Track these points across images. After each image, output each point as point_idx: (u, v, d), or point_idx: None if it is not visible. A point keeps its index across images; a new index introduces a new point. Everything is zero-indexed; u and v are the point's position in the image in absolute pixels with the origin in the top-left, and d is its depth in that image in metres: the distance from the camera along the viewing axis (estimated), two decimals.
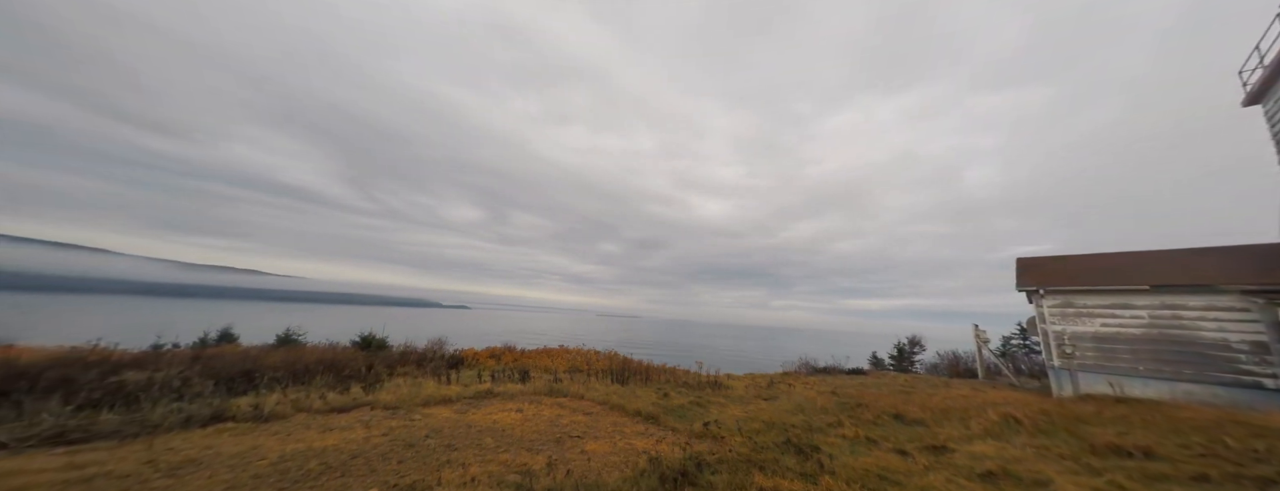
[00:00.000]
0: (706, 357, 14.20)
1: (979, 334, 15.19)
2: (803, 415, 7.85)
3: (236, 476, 4.01)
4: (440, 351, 12.83)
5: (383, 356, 10.98)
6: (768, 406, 8.73)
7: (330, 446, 4.93)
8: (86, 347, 8.73)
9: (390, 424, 6.01)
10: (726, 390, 10.72)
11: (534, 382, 9.57)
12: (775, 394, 10.49)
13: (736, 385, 11.79)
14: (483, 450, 5.09)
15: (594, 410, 7.64)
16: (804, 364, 17.12)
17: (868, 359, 20.02)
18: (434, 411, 6.85)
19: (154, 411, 5.60)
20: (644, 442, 5.80)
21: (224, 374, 7.54)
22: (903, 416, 7.57)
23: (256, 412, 5.94)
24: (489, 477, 4.21)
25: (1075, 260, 11.98)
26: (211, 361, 8.34)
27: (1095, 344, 10.23)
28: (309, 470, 4.24)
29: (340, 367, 8.94)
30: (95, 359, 7.82)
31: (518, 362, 12.26)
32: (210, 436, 5.13)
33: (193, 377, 7.03)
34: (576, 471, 4.48)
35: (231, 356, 9.24)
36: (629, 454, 5.27)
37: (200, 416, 5.61)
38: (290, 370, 8.24)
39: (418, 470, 4.37)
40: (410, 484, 4.02)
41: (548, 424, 6.48)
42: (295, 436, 5.24)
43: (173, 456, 4.43)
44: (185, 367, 7.58)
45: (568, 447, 5.42)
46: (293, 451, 4.71)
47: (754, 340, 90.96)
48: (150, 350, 9.90)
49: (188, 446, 4.75)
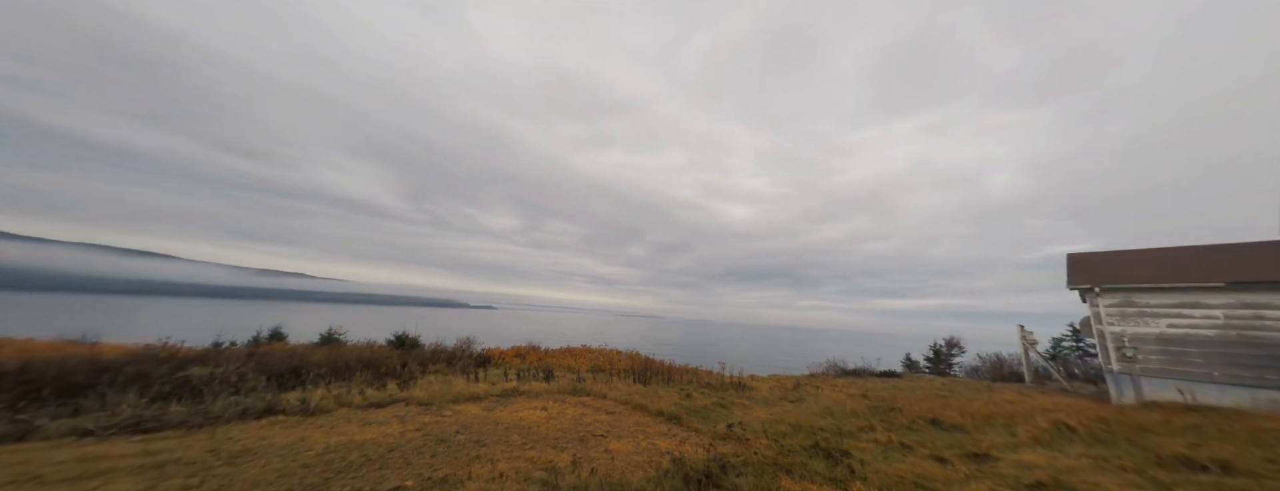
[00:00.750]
0: (729, 358, 14.02)
1: (1025, 335, 14.22)
2: (831, 418, 7.60)
3: (287, 465, 4.31)
4: (469, 350, 13.29)
5: (416, 354, 11.49)
6: (794, 409, 8.51)
7: (369, 439, 5.21)
8: (158, 345, 9.63)
9: (423, 419, 6.28)
10: (750, 391, 10.53)
11: (558, 381, 9.75)
12: (802, 396, 10.21)
13: (761, 386, 11.57)
14: (510, 447, 5.23)
15: (617, 409, 7.69)
16: (831, 365, 16.57)
17: (901, 361, 19.15)
18: (464, 408, 7.10)
19: (215, 404, 6.10)
20: (667, 443, 5.79)
21: (275, 370, 8.11)
22: (940, 421, 7.19)
23: (304, 406, 6.36)
24: (516, 474, 4.32)
25: (1134, 256, 11.00)
26: (264, 358, 9.00)
27: (1161, 346, 9.36)
28: (351, 461, 4.50)
29: (377, 365, 9.43)
30: (165, 355, 8.63)
31: (542, 362, 12.52)
32: (264, 428, 5.53)
33: (248, 373, 7.61)
34: (600, 470, 4.53)
35: (281, 354, 9.93)
36: (652, 454, 5.28)
37: (255, 409, 6.06)
38: (333, 367, 8.77)
39: (449, 464, 4.55)
40: (443, 477, 4.18)
41: (572, 422, 6.58)
42: (338, 429, 5.57)
43: (232, 445, 4.81)
44: (241, 364, 8.22)
45: (591, 446, 5.48)
46: (336, 443, 5.01)
47: (778, 341, 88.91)
48: (211, 348, 10.78)
49: (245, 436, 5.14)
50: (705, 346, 54.39)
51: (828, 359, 17.00)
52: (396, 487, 3.94)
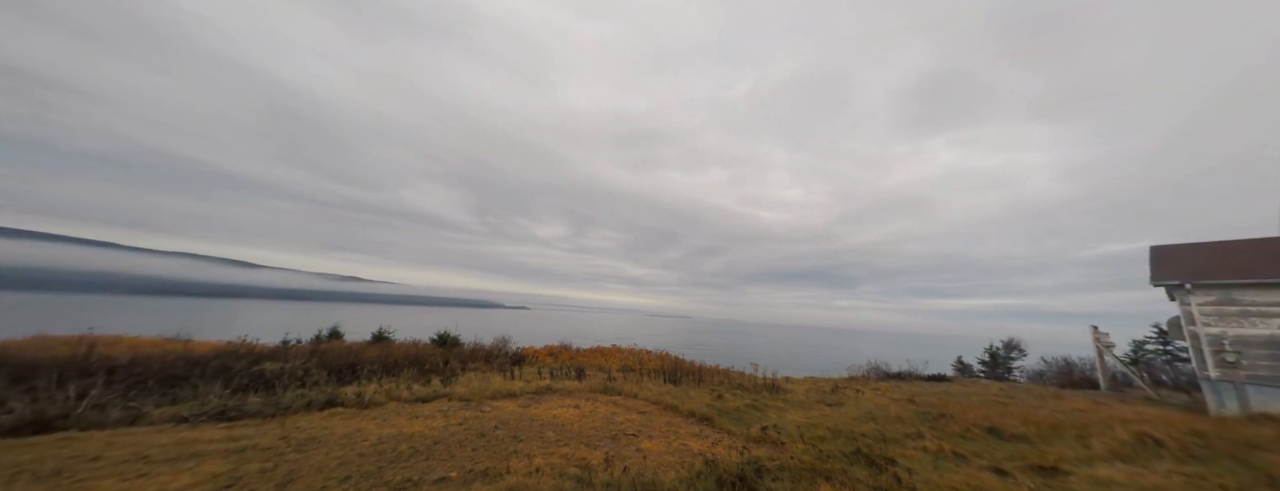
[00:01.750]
0: (762, 359, 13.66)
1: (1099, 337, 12.79)
2: (874, 423, 7.22)
3: (346, 453, 4.69)
4: (505, 349, 13.83)
5: (456, 353, 12.11)
6: (832, 413, 8.16)
7: (417, 432, 5.55)
8: (238, 342, 10.79)
9: (464, 414, 6.60)
10: (785, 394, 10.21)
11: (589, 380, 9.92)
12: (841, 400, 9.77)
13: (796, 389, 11.18)
14: (545, 443, 5.39)
15: (648, 409, 7.71)
16: (873, 368, 15.71)
17: (951, 364, 17.83)
18: (501, 404, 7.40)
19: (285, 396, 6.74)
20: (699, 444, 5.73)
21: (334, 365, 8.85)
22: (999, 430, 6.64)
23: (359, 400, 6.89)
24: (552, 469, 4.45)
25: (1233, 246, 9.60)
26: (325, 355, 9.83)
27: (1272, 350, 8.12)
28: (401, 452, 4.82)
29: (422, 362, 10.03)
30: (244, 352, 9.65)
31: (574, 361, 12.79)
32: (325, 418, 6.05)
33: (311, 368, 8.35)
34: (633, 468, 4.57)
35: (339, 351, 10.81)
36: (684, 454, 5.25)
37: (318, 401, 6.64)
38: (383, 363, 9.43)
39: (489, 458, 4.76)
40: (484, 470, 4.38)
41: (604, 421, 6.68)
42: (389, 422, 5.98)
43: (299, 434, 5.30)
44: (306, 360, 9.04)
45: (624, 445, 5.53)
46: (388, 435, 5.38)
47: (814, 342, 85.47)
48: (280, 345, 11.92)
49: (310, 426, 5.64)
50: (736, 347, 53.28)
51: (868, 361, 16.14)
52: (442, 478, 4.17)
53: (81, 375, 6.50)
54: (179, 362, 7.79)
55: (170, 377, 7.03)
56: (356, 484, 3.96)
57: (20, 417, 5.08)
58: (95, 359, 7.60)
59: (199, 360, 8.10)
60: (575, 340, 16.84)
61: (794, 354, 48.14)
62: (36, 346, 9.02)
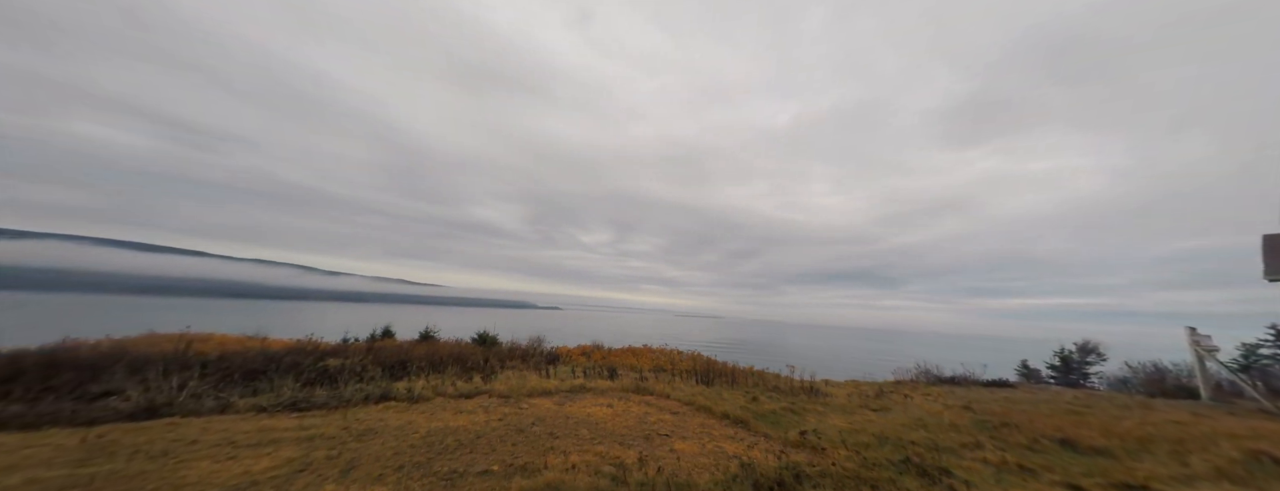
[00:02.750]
0: (799, 361, 13.16)
1: (1197, 340, 11.21)
2: (924, 431, 6.77)
3: (399, 444, 5.05)
4: (540, 348, 14.27)
5: (495, 351, 12.66)
6: (877, 418, 7.73)
7: (461, 426, 5.87)
8: (305, 340, 11.90)
9: (504, 410, 6.89)
10: (825, 397, 9.80)
11: (621, 380, 10.02)
12: (887, 405, 9.23)
13: (837, 392, 10.69)
14: (580, 440, 5.52)
15: (680, 410, 7.68)
16: (922, 371, 14.70)
17: (1015, 368, 16.31)
18: (537, 402, 7.65)
19: (345, 389, 7.35)
20: (734, 446, 5.64)
21: (387, 362, 9.53)
22: (1074, 443, 6.02)
23: (409, 395, 7.38)
24: (587, 466, 4.54)
25: None
26: (379, 352, 10.62)
27: None
28: (447, 444, 5.12)
29: (464, 360, 10.57)
30: (310, 349, 10.62)
31: (606, 360, 12.97)
32: (381, 411, 6.53)
33: (368, 365, 9.05)
34: (667, 469, 4.57)
35: (391, 348, 11.63)
36: (718, 457, 5.18)
37: (373, 395, 7.19)
38: (430, 360, 10.04)
39: (527, 453, 4.94)
40: (523, 464, 4.56)
41: (636, 420, 6.73)
42: (436, 416, 6.36)
43: (358, 425, 5.76)
44: (363, 356, 9.81)
45: (657, 445, 5.55)
46: (436, 428, 5.73)
47: (856, 343, 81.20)
48: (340, 343, 13.02)
49: (368, 418, 6.12)
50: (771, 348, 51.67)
51: (916, 364, 15.11)
52: (485, 471, 4.39)
53: (181, 368, 7.45)
54: (258, 358, 8.72)
55: (251, 371, 7.88)
56: (409, 473, 4.25)
57: (136, 405, 5.91)
58: (192, 354, 8.67)
59: (274, 356, 9.03)
60: (606, 340, 17.08)
61: (833, 355, 45.99)
62: (147, 343, 10.43)
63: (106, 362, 7.26)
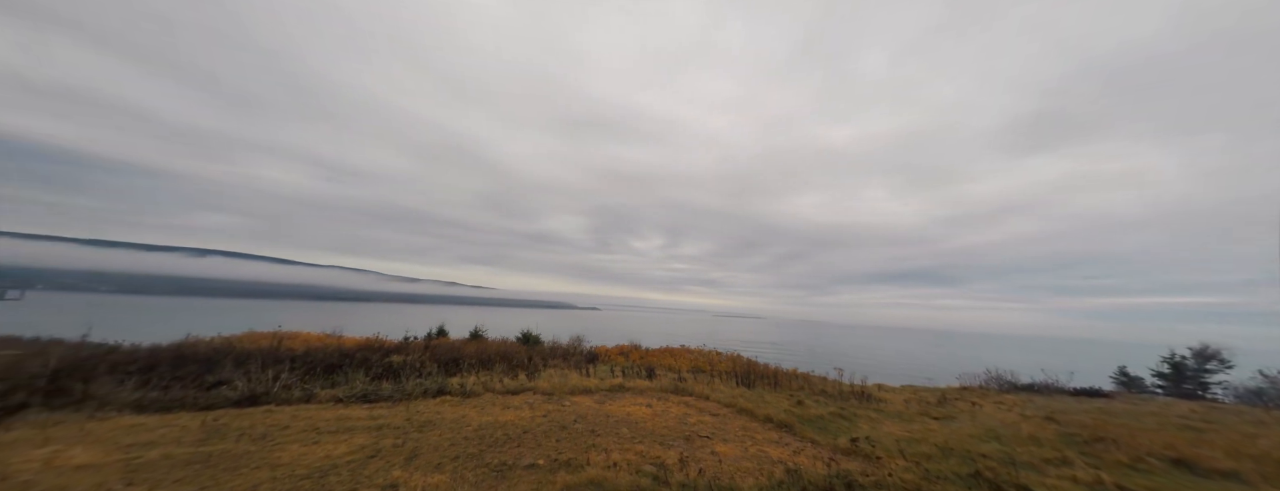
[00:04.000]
0: (848, 363, 12.40)
1: None
2: (997, 443, 6.13)
3: (455, 435, 5.43)
4: (579, 348, 14.66)
5: (538, 350, 13.18)
6: (940, 427, 7.12)
7: (509, 421, 6.19)
8: (373, 338, 13.13)
9: (547, 407, 7.17)
10: (878, 403, 9.17)
11: (659, 380, 10.03)
12: (951, 413, 8.47)
13: (892, 398, 9.97)
14: (620, 439, 5.61)
15: (720, 412, 7.55)
16: (993, 377, 13.29)
17: (1111, 375, 14.27)
18: (578, 400, 7.87)
19: (407, 384, 8.02)
20: (778, 451, 5.45)
21: (442, 359, 10.26)
22: (1191, 463, 5.18)
23: (462, 390, 7.90)
24: (628, 465, 4.61)
25: None
26: (435, 350, 11.46)
27: None
28: (496, 438, 5.42)
29: (510, 358, 11.12)
30: (377, 346, 11.70)
31: (644, 360, 13.04)
32: (438, 405, 7.06)
33: (426, 361, 9.80)
34: (708, 471, 4.52)
35: (445, 346, 12.50)
36: (762, 461, 5.04)
37: (431, 390, 7.78)
38: (479, 358, 10.67)
39: (570, 449, 5.11)
40: (567, 460, 4.72)
41: (676, 421, 6.70)
42: (487, 411, 6.76)
43: (419, 416, 6.27)
44: (421, 353, 10.63)
45: (697, 446, 5.50)
46: (486, 422, 6.09)
47: (912, 345, 75.05)
48: (402, 341, 14.21)
49: (426, 410, 6.64)
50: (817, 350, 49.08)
51: (987, 368, 13.68)
52: (531, 464, 4.59)
53: (275, 362, 8.51)
54: (334, 354, 9.76)
55: (329, 366, 8.83)
56: (464, 462, 4.56)
57: (241, 393, 6.85)
58: (283, 350, 9.88)
59: (348, 352, 10.06)
60: (643, 340, 17.18)
61: (887, 358, 42.79)
62: (247, 340, 12.03)
63: (218, 356, 8.48)
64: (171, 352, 8.60)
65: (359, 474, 4.17)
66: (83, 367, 6.90)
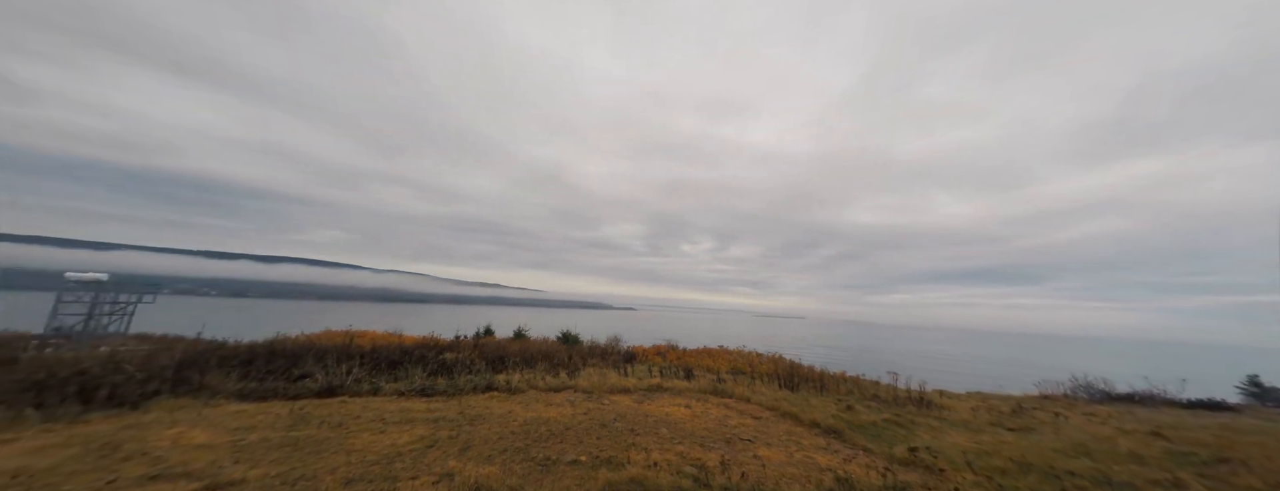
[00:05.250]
0: (905, 367, 11.53)
1: None
2: (1089, 460, 5.44)
3: (503, 429, 5.73)
4: (617, 347, 14.86)
5: (577, 349, 13.54)
6: (1015, 439, 6.43)
7: (552, 417, 6.42)
8: (429, 337, 14.17)
9: (587, 405, 7.35)
10: (941, 410, 8.46)
11: (698, 381, 9.92)
12: (1029, 424, 7.63)
13: (957, 406, 9.15)
14: (660, 439, 5.62)
15: (762, 415, 7.33)
16: (1081, 384, 11.77)
17: (1237, 386, 12.11)
18: (617, 399, 7.99)
19: (459, 380, 8.57)
20: (827, 458, 5.20)
21: (490, 357, 10.86)
22: None
23: (508, 386, 8.31)
24: (668, 465, 4.61)
25: None
26: (483, 348, 12.15)
27: None
28: (541, 433, 5.65)
29: (551, 356, 11.53)
30: (432, 344, 12.61)
31: (681, 361, 12.96)
32: (486, 400, 7.48)
33: (475, 359, 10.42)
34: (751, 476, 4.41)
35: (492, 345, 13.21)
36: (809, 468, 4.83)
37: (480, 385, 8.25)
38: (523, 356, 11.16)
39: (611, 447, 5.20)
40: (608, 458, 4.82)
41: (716, 423, 6.60)
42: (531, 407, 7.06)
43: (470, 410, 6.68)
44: (471, 351, 11.31)
45: (739, 449, 5.38)
46: (531, 417, 6.36)
47: (982, 348, 68.15)
48: (454, 339, 15.21)
49: (477, 405, 7.06)
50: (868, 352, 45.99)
51: (1072, 375, 12.13)
52: (574, 460, 4.74)
53: (347, 358, 9.46)
54: (396, 351, 10.66)
55: (392, 362, 9.66)
56: (512, 456, 4.80)
57: (321, 385, 7.68)
58: (354, 347, 10.95)
59: (408, 350, 10.94)
60: (680, 340, 17.07)
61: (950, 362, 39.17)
62: (325, 338, 13.45)
63: (302, 352, 9.57)
64: (265, 349, 9.83)
65: (420, 462, 4.53)
66: (199, 361, 8.10)
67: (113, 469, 4.05)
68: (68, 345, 11.01)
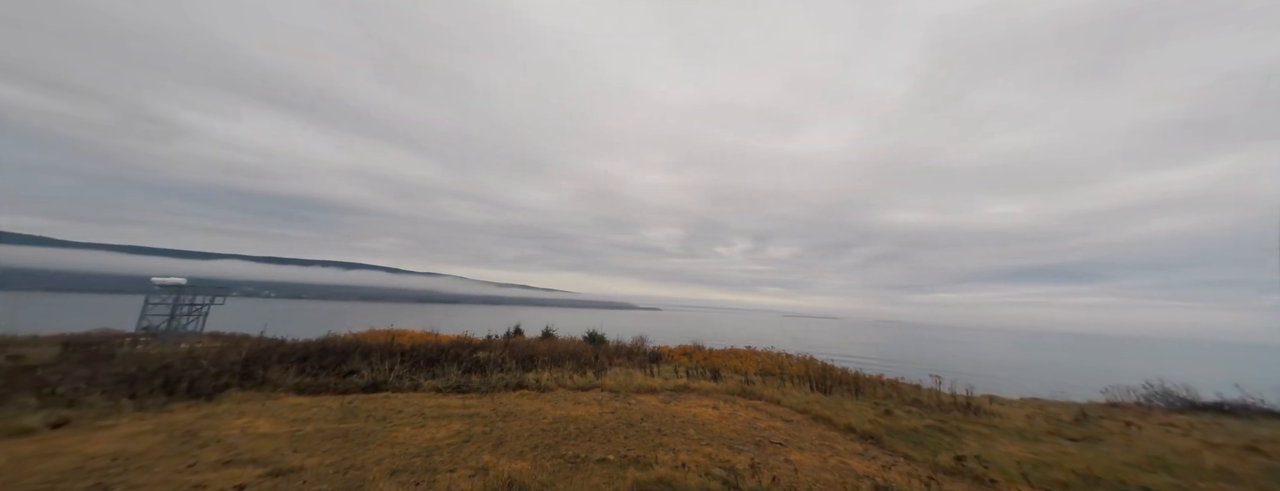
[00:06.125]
0: (949, 370, 10.84)
1: None
2: (1168, 476, 4.93)
3: (533, 427, 5.89)
4: (643, 347, 14.90)
5: (603, 349, 13.70)
6: (1079, 451, 5.92)
7: (579, 416, 6.53)
8: (462, 336, 14.80)
9: (614, 404, 7.42)
10: (991, 417, 7.91)
11: (725, 382, 9.78)
12: (1095, 434, 7.01)
13: (1010, 412, 8.53)
14: (687, 439, 5.59)
15: (793, 418, 7.13)
16: (1157, 391, 10.64)
17: None
18: (643, 399, 8.02)
19: (492, 377, 8.90)
20: (864, 465, 4.99)
21: (519, 355, 11.20)
22: None
23: (538, 385, 8.54)
24: (696, 466, 4.59)
25: None
26: (513, 347, 12.54)
27: None
28: (569, 431, 5.76)
29: (578, 356, 11.72)
30: (466, 343, 13.16)
31: (708, 361, 12.81)
32: (517, 398, 7.72)
33: (506, 357, 10.78)
34: (783, 480, 4.31)
35: (522, 344, 13.62)
36: (844, 474, 4.65)
37: (511, 383, 8.53)
38: (551, 355, 11.43)
39: (638, 447, 5.23)
40: (635, 457, 4.85)
41: (745, 425, 6.49)
42: (559, 405, 7.22)
43: (502, 407, 6.92)
44: (502, 350, 11.71)
45: (769, 453, 5.27)
46: (560, 415, 6.51)
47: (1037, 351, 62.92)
48: (486, 338, 15.79)
49: (508, 403, 7.30)
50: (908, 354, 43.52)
51: (1145, 382, 10.99)
52: (602, 459, 4.81)
53: (389, 355, 10.05)
54: (433, 349, 11.21)
55: (430, 359, 10.16)
56: (542, 452, 4.94)
57: (367, 381, 8.20)
58: (395, 345, 11.62)
59: (444, 348, 11.48)
60: (706, 340, 16.89)
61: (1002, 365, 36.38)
62: (369, 336, 14.35)
63: (350, 350, 10.26)
64: (318, 346, 10.62)
65: (457, 455, 4.75)
66: (262, 357, 8.87)
67: (192, 454, 4.51)
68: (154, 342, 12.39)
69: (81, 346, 10.42)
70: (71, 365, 8.06)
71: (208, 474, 4.05)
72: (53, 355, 9.46)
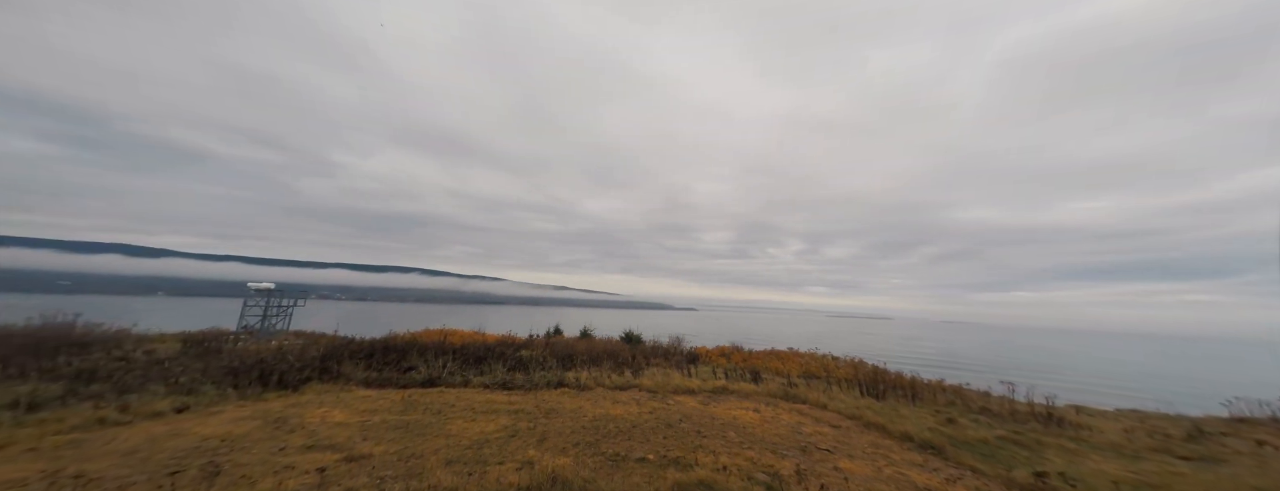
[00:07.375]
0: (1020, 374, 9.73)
1: None
2: None
3: (574, 424, 6.07)
4: (680, 348, 14.80)
5: (640, 349, 13.78)
6: (1193, 472, 5.12)
7: (619, 415, 6.63)
8: (507, 335, 15.55)
9: (652, 405, 7.44)
10: (1078, 430, 7.04)
11: (766, 384, 9.47)
12: (1213, 452, 6.02)
13: (1102, 425, 7.54)
14: (728, 442, 5.49)
15: (842, 423, 6.76)
16: None
17: None
18: (681, 400, 7.97)
19: (534, 375, 9.27)
20: (925, 477, 4.63)
21: (560, 354, 11.57)
22: None
23: (577, 383, 8.77)
24: (738, 470, 4.49)
25: None
26: (554, 346, 12.99)
27: None
28: (608, 430, 5.87)
29: (616, 355, 11.89)
30: (510, 342, 13.82)
31: (747, 363, 12.47)
32: (558, 395, 7.98)
33: (547, 356, 11.18)
34: (832, 488, 4.10)
35: (562, 343, 14.06)
36: (902, 486, 4.35)
37: (552, 381, 8.83)
38: (590, 355, 11.69)
39: (678, 448, 5.21)
40: (675, 458, 4.84)
41: (789, 429, 6.25)
42: (599, 404, 7.36)
43: (545, 405, 7.18)
44: (543, 349, 12.17)
45: (816, 459, 5.04)
46: (599, 414, 6.64)
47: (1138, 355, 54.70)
48: (528, 338, 16.48)
49: (550, 400, 7.57)
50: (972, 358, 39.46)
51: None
52: (642, 458, 4.84)
53: (442, 353, 10.79)
54: (480, 348, 11.89)
55: (478, 358, 10.79)
56: (583, 450, 5.07)
57: (424, 377, 8.86)
58: (447, 343, 12.46)
59: (490, 347, 12.15)
60: (745, 341, 16.44)
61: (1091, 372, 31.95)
62: (425, 335, 15.49)
63: (408, 348, 11.15)
64: (382, 344, 11.65)
65: (504, 449, 5.00)
66: (337, 353, 9.88)
67: (282, 439, 5.13)
68: (251, 339, 14.23)
69: (197, 343, 12.20)
70: (189, 359, 9.50)
71: (295, 457, 4.58)
72: (175, 350, 11.16)
